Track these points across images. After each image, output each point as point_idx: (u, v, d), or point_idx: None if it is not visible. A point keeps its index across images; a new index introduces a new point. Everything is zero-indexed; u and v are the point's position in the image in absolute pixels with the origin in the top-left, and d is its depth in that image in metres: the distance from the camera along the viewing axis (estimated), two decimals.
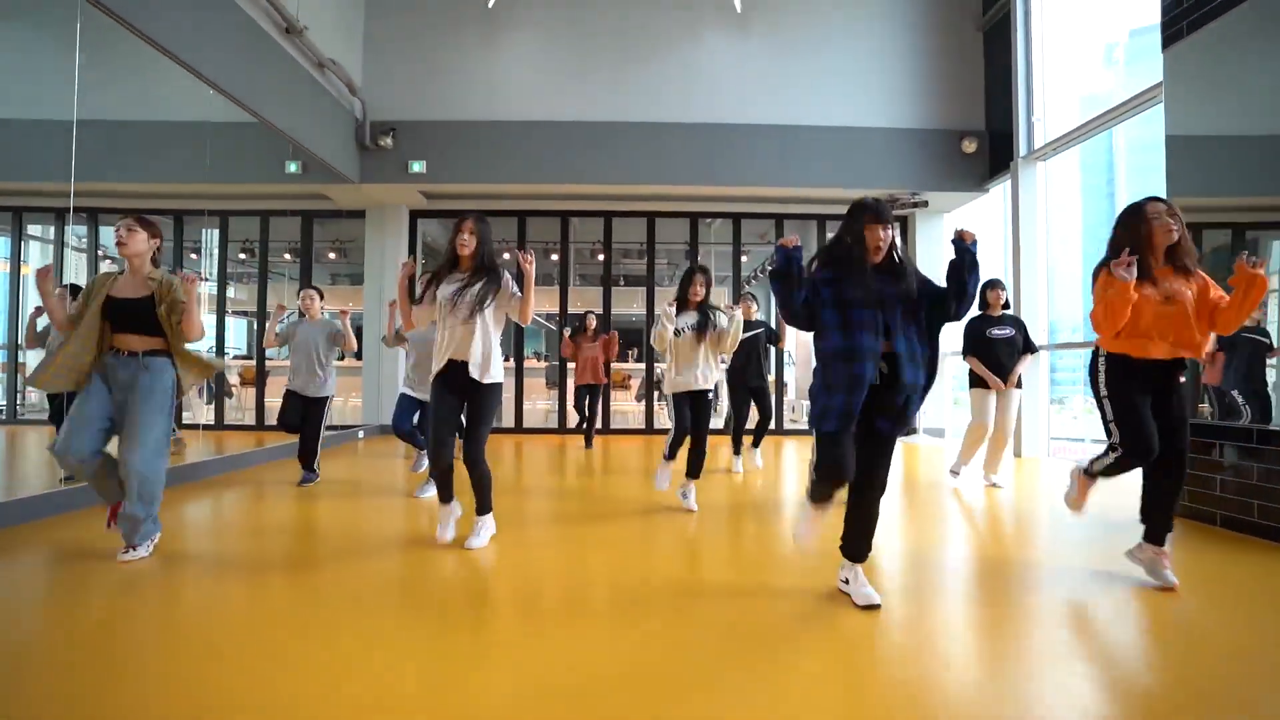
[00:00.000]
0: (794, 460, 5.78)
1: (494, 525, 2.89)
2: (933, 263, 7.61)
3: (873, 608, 2.04)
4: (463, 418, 2.93)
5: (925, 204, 7.22)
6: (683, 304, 3.56)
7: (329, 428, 4.60)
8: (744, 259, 8.60)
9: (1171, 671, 1.68)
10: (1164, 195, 3.65)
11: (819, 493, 2.11)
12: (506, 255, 7.68)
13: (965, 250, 2.04)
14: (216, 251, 7.16)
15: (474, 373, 2.65)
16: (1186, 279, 2.27)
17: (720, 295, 9.95)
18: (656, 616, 2.03)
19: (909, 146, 6.92)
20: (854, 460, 2.02)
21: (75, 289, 4.05)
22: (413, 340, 4.21)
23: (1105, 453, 2.40)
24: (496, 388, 2.75)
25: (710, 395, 3.63)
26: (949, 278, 2.07)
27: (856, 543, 2.14)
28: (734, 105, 6.90)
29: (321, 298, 4.49)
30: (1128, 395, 2.32)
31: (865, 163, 6.91)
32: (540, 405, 9.35)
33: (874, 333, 1.98)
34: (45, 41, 4.56)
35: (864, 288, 2.00)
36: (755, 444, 5.18)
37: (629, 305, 10.61)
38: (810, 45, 6.98)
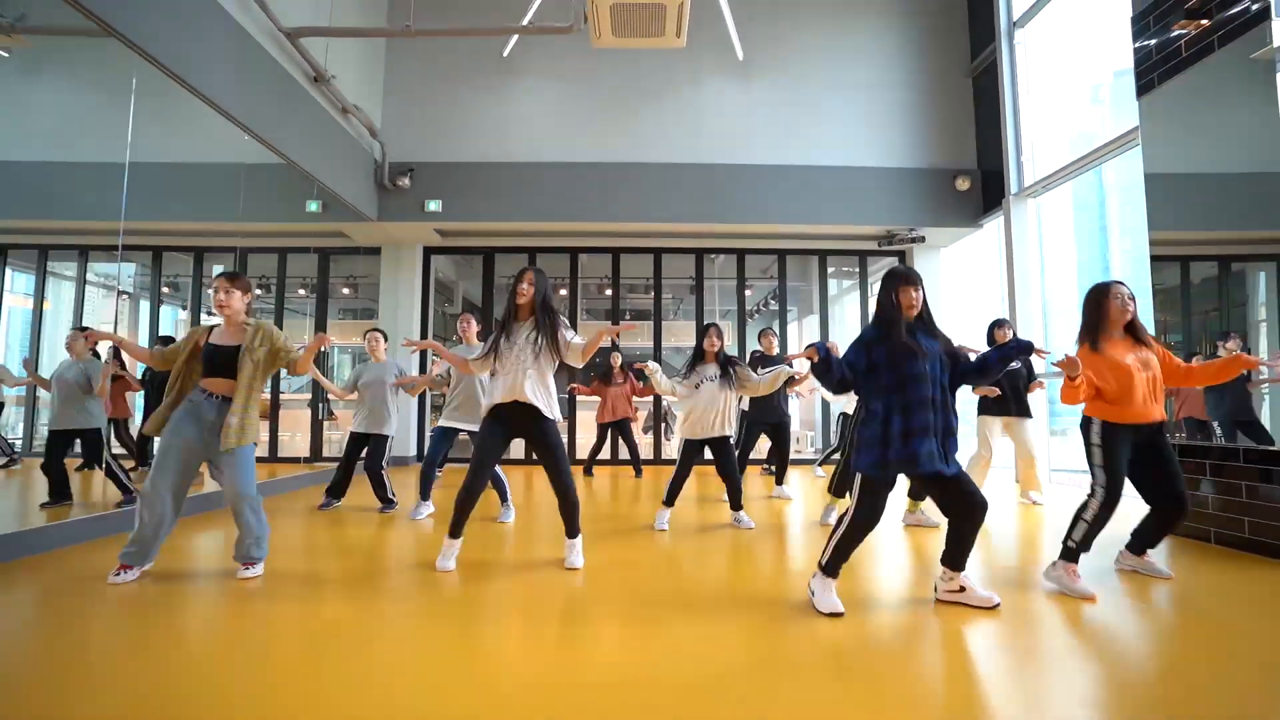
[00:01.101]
0: (807, 486, 5.89)
1: (582, 546, 3.04)
2: (930, 296, 7.82)
3: (995, 607, 2.31)
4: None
5: (922, 239, 7.48)
6: (700, 357, 3.84)
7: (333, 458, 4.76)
8: (748, 293, 8.83)
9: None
10: (1147, 229, 3.89)
11: (845, 551, 2.35)
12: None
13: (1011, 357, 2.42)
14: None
15: (544, 410, 2.86)
16: (1148, 348, 2.65)
17: (725, 329, 10.18)
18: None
19: (905, 185, 7.21)
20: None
21: (167, 339, 4.38)
22: (455, 373, 4.33)
23: (1080, 512, 2.65)
24: (555, 423, 2.94)
25: (730, 439, 3.90)
26: (988, 360, 2.41)
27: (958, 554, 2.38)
28: (737, 147, 7.22)
29: (386, 340, 4.70)
30: (1117, 451, 2.61)
31: (864, 200, 7.19)
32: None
33: (928, 385, 2.26)
34: (97, 93, 4.89)
35: (906, 343, 2.31)
36: (779, 480, 5.21)
37: (635, 339, 10.80)
38: (809, 90, 7.33)
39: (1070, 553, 2.61)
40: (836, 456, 4.51)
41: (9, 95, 4.67)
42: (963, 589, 2.37)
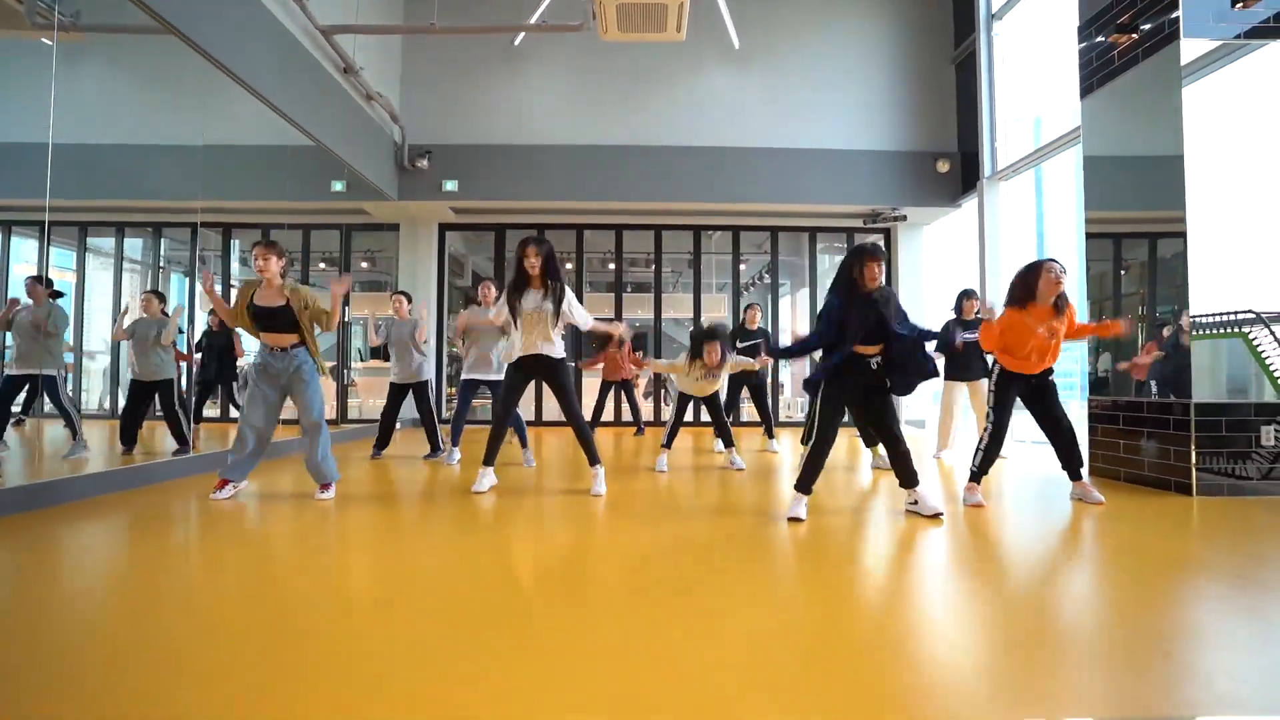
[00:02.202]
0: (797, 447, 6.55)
1: (604, 474, 3.65)
2: (912, 271, 8.41)
3: (938, 515, 2.91)
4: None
5: (904, 218, 8.02)
6: (698, 356, 4.53)
7: (366, 420, 5.39)
8: (743, 267, 9.39)
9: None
10: (1084, 208, 4.42)
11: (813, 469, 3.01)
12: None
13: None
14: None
15: (554, 356, 3.56)
16: (1060, 316, 3.26)
17: (720, 301, 10.75)
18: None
19: (890, 166, 7.74)
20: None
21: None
22: (472, 334, 4.93)
23: (978, 444, 3.41)
24: (565, 363, 3.63)
25: (718, 396, 4.71)
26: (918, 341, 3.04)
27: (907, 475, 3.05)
28: (733, 130, 7.73)
29: (410, 301, 5.31)
30: (1006, 395, 3.35)
31: (851, 181, 7.72)
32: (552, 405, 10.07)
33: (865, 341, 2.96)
34: (126, 73, 5.38)
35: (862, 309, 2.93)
36: (769, 434, 5.87)
37: (636, 311, 11.39)
38: (801, 77, 7.82)
39: (974, 475, 3.37)
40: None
41: (61, 83, 5.15)
42: (915, 502, 3.02)
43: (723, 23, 7.02)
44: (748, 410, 9.01)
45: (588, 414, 8.22)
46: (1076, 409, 4.81)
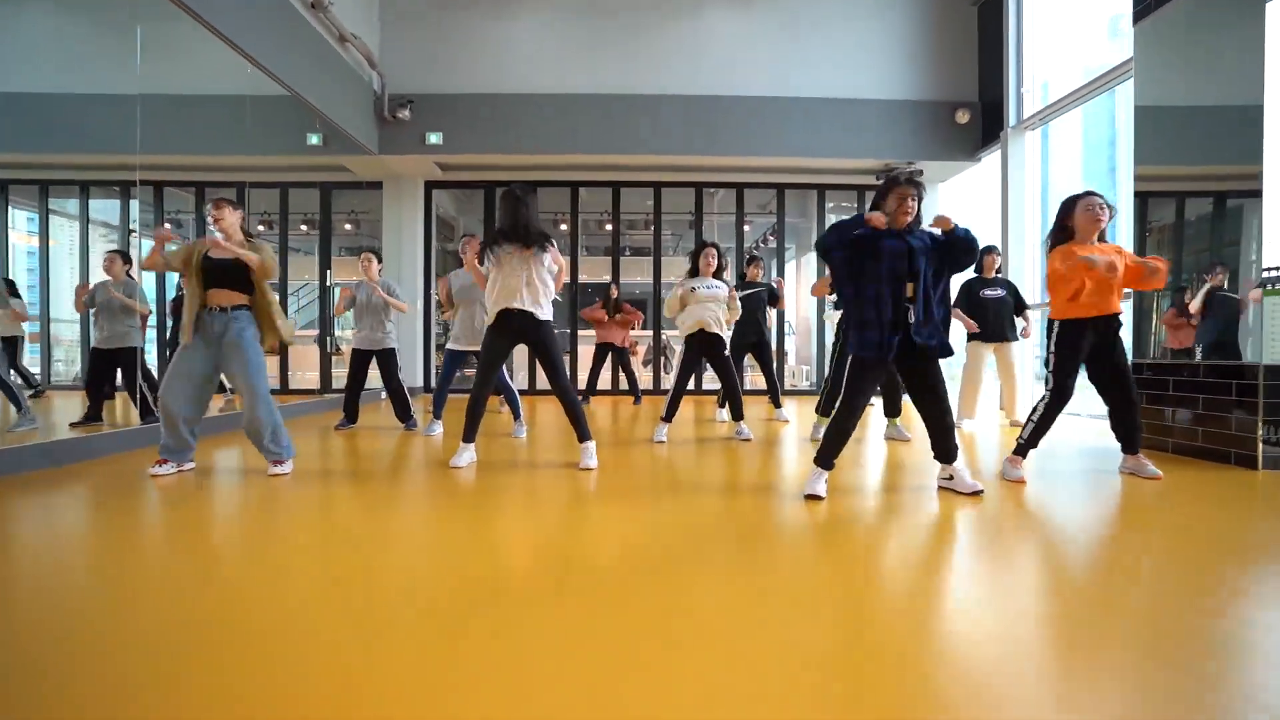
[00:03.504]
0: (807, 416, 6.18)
1: (594, 450, 3.24)
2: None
3: (978, 493, 2.55)
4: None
5: (920, 173, 7.52)
6: (695, 273, 4.19)
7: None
8: (747, 228, 8.91)
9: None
10: (1133, 162, 3.98)
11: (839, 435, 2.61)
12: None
13: (954, 237, 2.51)
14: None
15: (537, 314, 3.10)
16: (1116, 251, 2.87)
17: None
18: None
19: (904, 118, 7.21)
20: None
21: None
22: (459, 298, 4.54)
23: (1032, 411, 2.99)
24: (550, 324, 3.17)
25: (725, 348, 4.14)
26: (952, 249, 2.53)
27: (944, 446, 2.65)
28: (737, 78, 7.17)
29: (380, 261, 4.87)
30: (1073, 351, 2.90)
31: (862, 134, 7.20)
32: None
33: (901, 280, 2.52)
34: (101, 22, 4.86)
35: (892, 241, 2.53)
36: (776, 403, 5.45)
37: (635, 275, 10.93)
38: (810, 20, 7.23)
39: (1020, 447, 2.97)
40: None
41: (12, 26, 4.65)
42: (950, 478, 2.65)
43: None
44: (751, 378, 8.63)
45: (581, 383, 7.95)
46: None
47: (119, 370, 4.32)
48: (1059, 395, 2.93)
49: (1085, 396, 3.25)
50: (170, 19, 4.23)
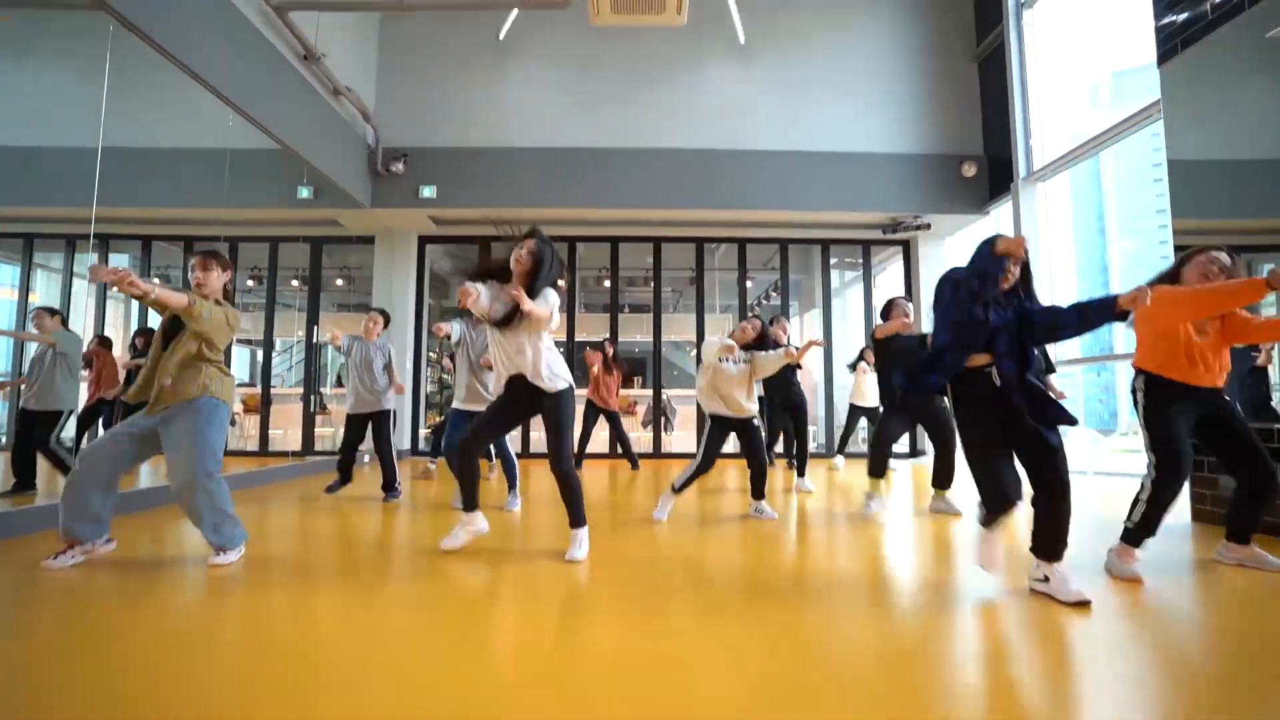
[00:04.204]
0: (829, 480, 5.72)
1: (587, 537, 2.75)
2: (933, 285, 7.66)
3: (1084, 604, 1.98)
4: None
5: (928, 227, 7.33)
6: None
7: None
8: (749, 284, 8.67)
9: None
10: (1169, 218, 3.71)
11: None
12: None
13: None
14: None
15: (538, 382, 2.64)
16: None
17: (724, 321, 10.02)
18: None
19: (910, 171, 7.07)
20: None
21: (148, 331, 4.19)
22: (464, 354, 4.16)
23: (1139, 493, 2.43)
24: (566, 393, 2.69)
25: (756, 421, 3.70)
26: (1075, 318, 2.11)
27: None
28: (738, 132, 7.07)
29: (386, 324, 4.59)
30: (1169, 418, 2.37)
31: (868, 187, 7.04)
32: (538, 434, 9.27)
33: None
34: (73, 68, 4.70)
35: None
36: (800, 472, 4.93)
37: (634, 333, 10.65)
38: (812, 74, 7.19)
39: (1130, 534, 2.39)
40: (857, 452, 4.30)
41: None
42: (1047, 579, 2.09)
43: (726, 13, 6.42)
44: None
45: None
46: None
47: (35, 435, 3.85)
48: (1170, 466, 2.34)
49: (1091, 452, 2.79)
50: (159, 68, 4.04)
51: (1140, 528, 2.36)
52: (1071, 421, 2.09)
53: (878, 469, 3.89)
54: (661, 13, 5.25)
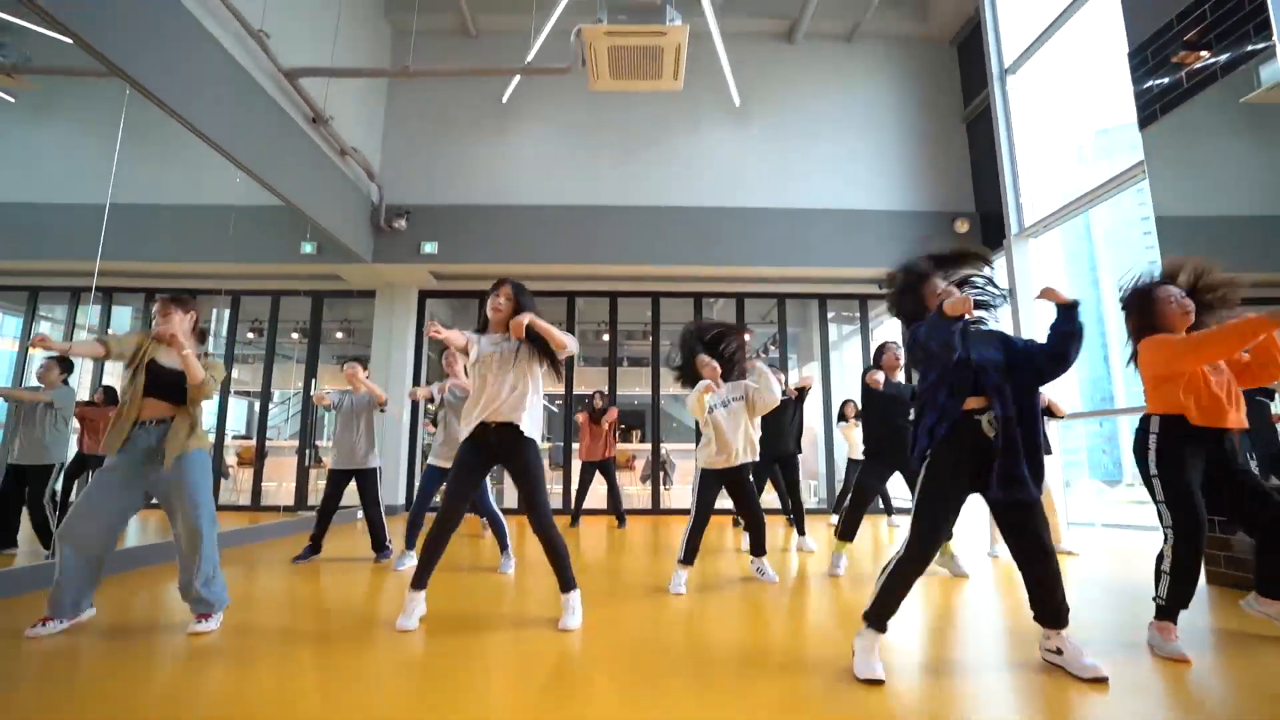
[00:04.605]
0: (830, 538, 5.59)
1: (580, 602, 2.62)
2: None
3: (1100, 680, 1.87)
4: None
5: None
6: (693, 379, 3.45)
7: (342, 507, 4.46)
8: (748, 338, 8.69)
9: None
10: (1159, 272, 3.75)
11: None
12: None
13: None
14: (226, 331, 7.25)
15: (524, 429, 2.57)
16: None
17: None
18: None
19: (904, 227, 7.19)
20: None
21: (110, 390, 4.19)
22: (448, 409, 4.14)
23: (1160, 557, 2.29)
24: (535, 445, 2.63)
25: (748, 472, 3.47)
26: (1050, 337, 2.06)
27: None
28: (734, 190, 7.23)
29: (365, 370, 4.45)
30: (1182, 468, 2.23)
31: (863, 243, 7.15)
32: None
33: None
34: (87, 128, 4.85)
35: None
36: (800, 529, 4.75)
37: (633, 387, 10.64)
38: (806, 134, 7.41)
39: (1165, 610, 2.23)
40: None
41: (14, 139, 4.64)
42: (1060, 651, 1.98)
43: (721, 78, 6.66)
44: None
45: (562, 501, 7.39)
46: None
47: (28, 490, 3.76)
48: (1188, 526, 2.19)
49: (1098, 503, 2.69)
50: (170, 128, 4.16)
51: (1172, 601, 2.22)
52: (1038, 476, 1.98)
53: (849, 532, 3.70)
54: (659, 78, 5.44)
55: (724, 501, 3.56)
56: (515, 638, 2.41)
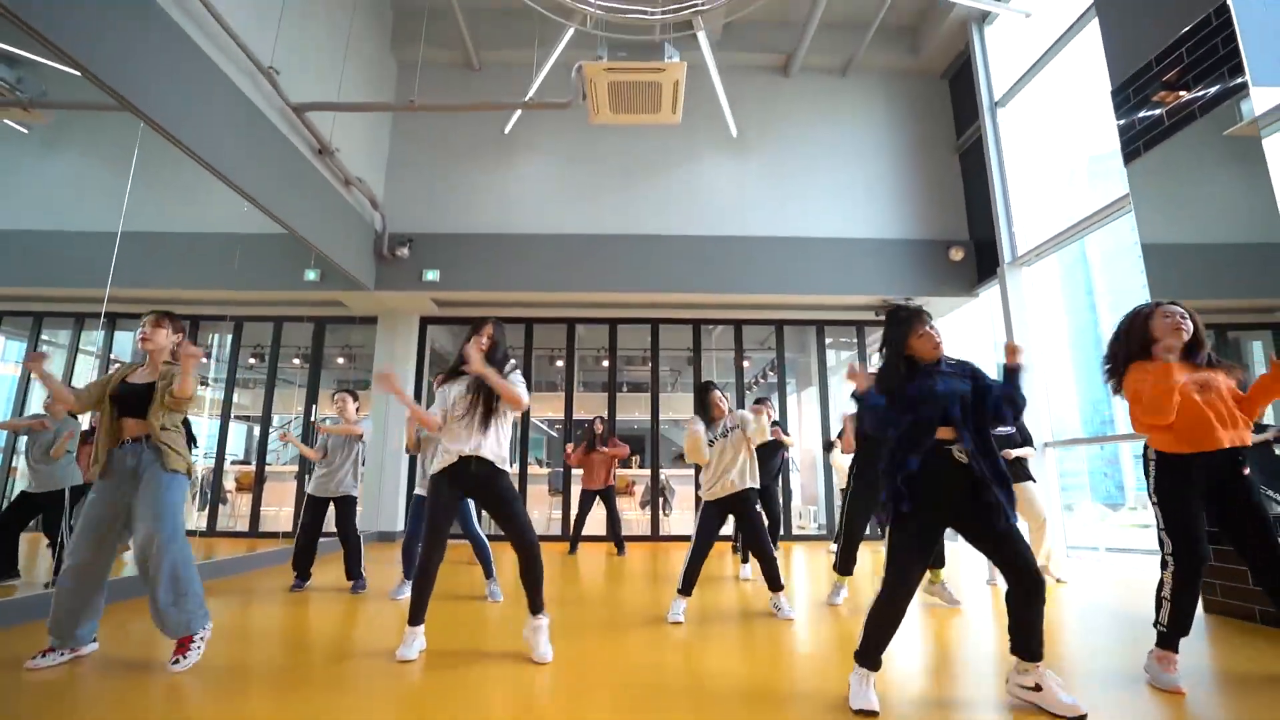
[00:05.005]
0: (820, 565, 5.57)
1: (547, 627, 2.62)
2: None
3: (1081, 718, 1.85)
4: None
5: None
6: (708, 420, 3.56)
7: (324, 534, 4.45)
8: (746, 364, 8.76)
9: None
10: (1148, 299, 3.83)
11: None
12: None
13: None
14: (228, 356, 7.31)
15: (497, 464, 2.65)
16: (1213, 370, 2.30)
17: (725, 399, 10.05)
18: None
19: (899, 255, 7.30)
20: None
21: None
22: (432, 441, 4.18)
23: (1161, 587, 2.29)
24: (507, 474, 2.71)
25: (753, 501, 3.49)
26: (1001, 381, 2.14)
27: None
28: (733, 219, 7.35)
29: (355, 400, 4.51)
30: (1181, 495, 2.25)
31: (859, 271, 7.25)
32: (536, 515, 9.12)
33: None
34: (95, 159, 4.96)
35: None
36: (744, 558, 4.83)
37: (632, 412, 10.67)
38: (802, 165, 7.56)
39: (1164, 638, 2.23)
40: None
41: (24, 169, 4.75)
42: (1038, 687, 1.95)
43: (719, 110, 6.83)
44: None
45: (561, 527, 7.36)
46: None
47: (44, 518, 3.80)
48: (1187, 554, 2.20)
49: (1101, 528, 2.70)
50: (179, 160, 4.27)
51: (1173, 628, 2.22)
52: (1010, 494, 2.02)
53: (846, 565, 3.69)
54: (658, 112, 5.58)
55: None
56: (508, 669, 2.42)
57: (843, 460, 6.29)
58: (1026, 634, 1.98)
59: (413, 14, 7.20)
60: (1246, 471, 2.23)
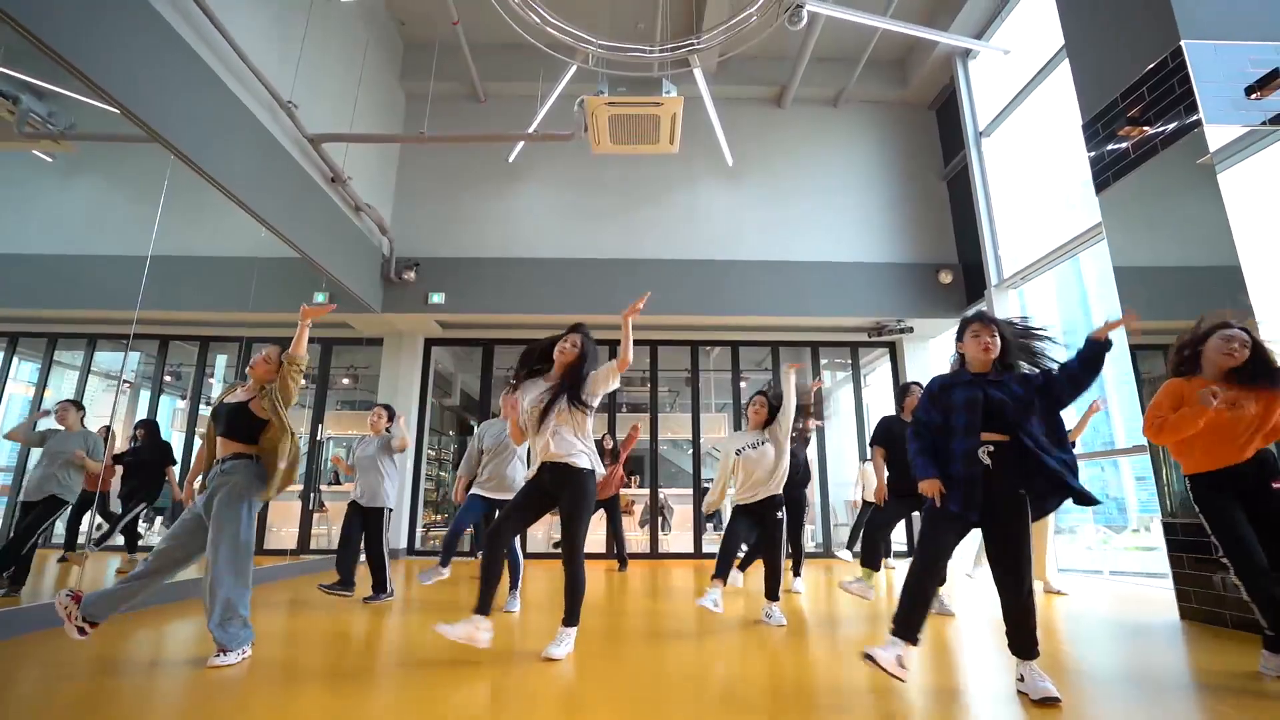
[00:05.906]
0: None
1: (573, 641, 2.74)
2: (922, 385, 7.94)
3: (1050, 700, 2.00)
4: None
5: (911, 330, 7.71)
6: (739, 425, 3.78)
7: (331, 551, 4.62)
8: (743, 384, 8.95)
9: None
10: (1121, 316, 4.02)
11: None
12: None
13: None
14: (235, 377, 7.48)
15: (573, 463, 2.77)
16: (1253, 394, 2.34)
17: (720, 421, 10.20)
18: None
19: (891, 278, 7.54)
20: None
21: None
22: (490, 446, 4.25)
23: (1243, 591, 2.33)
24: (591, 475, 2.80)
25: (779, 506, 3.59)
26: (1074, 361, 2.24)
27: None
28: (729, 244, 7.61)
29: (390, 418, 4.73)
30: (1221, 505, 2.34)
31: (852, 293, 7.48)
32: (537, 533, 9.21)
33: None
34: (116, 186, 5.19)
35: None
36: (795, 571, 4.86)
37: None
38: (795, 191, 7.84)
39: (1270, 641, 2.29)
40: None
41: (48, 196, 4.97)
42: (1022, 679, 2.12)
43: (716, 140, 7.11)
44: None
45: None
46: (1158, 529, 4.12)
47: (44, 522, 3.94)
48: (1244, 564, 2.26)
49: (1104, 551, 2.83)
50: (201, 189, 4.50)
51: (1274, 626, 2.26)
52: (1087, 499, 2.11)
53: (872, 559, 3.82)
54: (656, 143, 5.85)
55: None
56: (519, 675, 2.53)
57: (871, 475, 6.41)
58: (1019, 634, 2.13)
59: (422, 48, 7.53)
60: (1276, 486, 2.32)
